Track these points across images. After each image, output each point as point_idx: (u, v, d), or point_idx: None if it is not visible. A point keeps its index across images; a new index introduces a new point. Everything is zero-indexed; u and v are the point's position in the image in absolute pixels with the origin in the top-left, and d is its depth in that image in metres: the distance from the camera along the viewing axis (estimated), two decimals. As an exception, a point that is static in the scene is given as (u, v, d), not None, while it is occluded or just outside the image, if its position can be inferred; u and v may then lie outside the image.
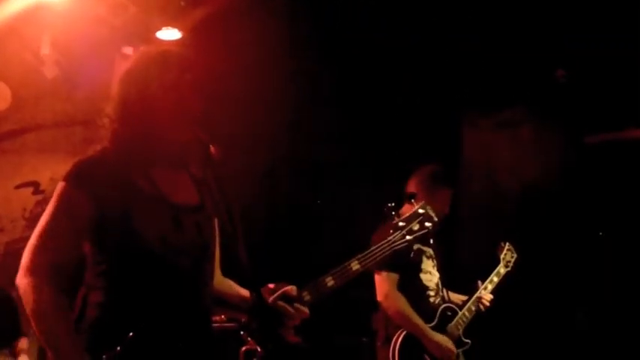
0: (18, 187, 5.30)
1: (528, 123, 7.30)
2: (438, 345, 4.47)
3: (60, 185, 2.41)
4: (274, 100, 6.80)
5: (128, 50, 5.74)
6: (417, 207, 2.80)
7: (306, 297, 2.59)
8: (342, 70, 7.07)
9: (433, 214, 2.80)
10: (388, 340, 4.50)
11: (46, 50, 5.38)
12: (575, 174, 6.89)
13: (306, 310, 2.57)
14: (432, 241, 4.02)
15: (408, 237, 2.73)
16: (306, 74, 7.06)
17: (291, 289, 2.59)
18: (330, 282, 2.60)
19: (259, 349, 2.81)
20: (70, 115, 5.73)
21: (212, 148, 2.42)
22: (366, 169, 7.17)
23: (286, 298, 2.56)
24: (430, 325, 4.51)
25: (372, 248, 2.69)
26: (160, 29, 5.85)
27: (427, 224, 2.76)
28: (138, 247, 2.37)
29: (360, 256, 2.67)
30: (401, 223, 2.75)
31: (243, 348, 4.80)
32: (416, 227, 2.75)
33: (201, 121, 2.47)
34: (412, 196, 2.79)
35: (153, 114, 2.45)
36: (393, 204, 2.85)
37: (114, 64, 5.60)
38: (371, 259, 2.67)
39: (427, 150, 6.43)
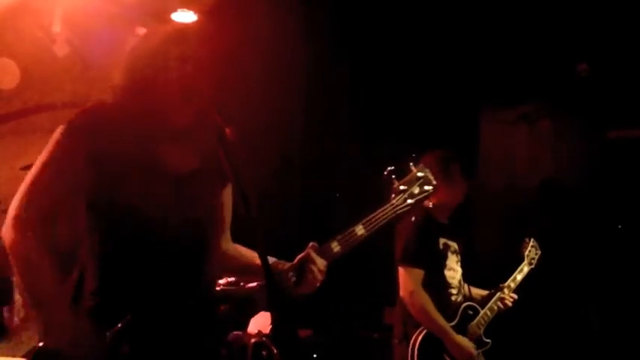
0: (24, 168, 5.18)
1: (548, 117, 7.23)
2: (459, 346, 4.36)
3: (59, 130, 2.31)
4: (289, 87, 6.73)
5: (142, 31, 5.63)
6: (415, 170, 2.81)
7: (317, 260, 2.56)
8: (358, 58, 7.01)
9: (432, 178, 2.82)
10: (406, 337, 4.38)
11: (57, 28, 5.27)
12: (596, 169, 6.80)
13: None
14: (430, 205, 3.94)
15: (409, 200, 2.75)
16: (321, 62, 7.00)
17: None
18: (336, 247, 2.60)
19: (275, 352, 2.73)
20: (80, 95, 5.64)
21: (227, 131, 2.31)
22: (380, 161, 7.06)
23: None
24: (451, 324, 4.39)
25: (375, 212, 2.68)
26: (175, 11, 5.75)
27: (427, 187, 2.79)
28: (135, 217, 2.29)
29: (364, 220, 2.65)
30: (402, 187, 2.75)
31: (252, 340, 4.72)
32: (416, 190, 2.77)
33: (216, 104, 2.38)
34: (412, 160, 2.74)
35: (159, 88, 2.38)
36: (392, 167, 2.81)
37: (126, 44, 5.49)
38: (375, 223, 2.66)
39: (444, 143, 6.34)
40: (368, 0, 6.63)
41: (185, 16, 5.79)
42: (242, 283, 3.77)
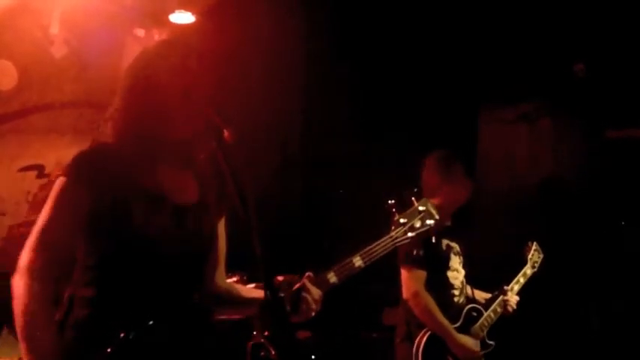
0: (22, 169, 5.18)
1: (547, 116, 7.23)
2: (463, 347, 4.37)
3: (59, 180, 2.35)
4: (289, 87, 6.72)
5: (140, 32, 5.62)
6: (417, 204, 2.80)
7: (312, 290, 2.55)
8: (358, 58, 7.00)
9: (434, 212, 2.82)
10: (409, 337, 4.39)
11: (55, 29, 5.25)
12: (595, 168, 6.81)
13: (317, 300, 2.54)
14: (432, 240, 4.01)
15: (409, 234, 2.75)
16: (321, 62, 7.00)
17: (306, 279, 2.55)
18: (332, 278, 2.59)
19: (273, 352, 2.73)
20: (78, 96, 5.61)
21: (225, 132, 2.31)
22: (380, 161, 7.07)
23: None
24: (455, 326, 4.40)
25: (373, 244, 2.69)
26: (173, 12, 5.73)
27: (428, 222, 2.78)
28: (135, 244, 2.31)
29: (362, 252, 2.66)
30: (402, 220, 2.75)
31: (250, 342, 4.71)
32: (417, 224, 2.77)
33: (214, 106, 2.38)
34: (413, 193, 2.77)
35: (158, 104, 2.39)
36: (393, 201, 2.81)
37: (125, 45, 5.48)
38: (373, 255, 2.68)
39: (444, 143, 6.33)
40: (368, 0, 6.63)
41: (183, 17, 5.77)
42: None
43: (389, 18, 6.61)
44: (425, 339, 4.32)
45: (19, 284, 2.25)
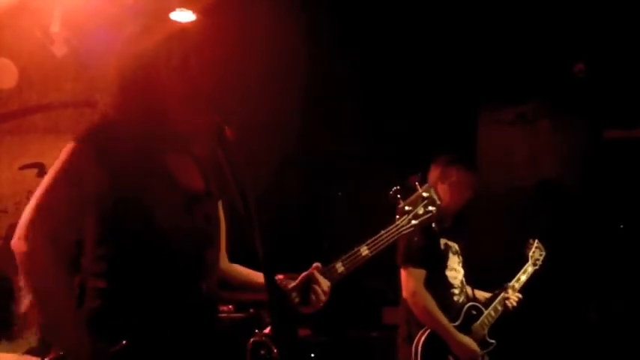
0: (22, 168, 5.20)
1: (546, 117, 7.23)
2: (463, 346, 4.37)
3: (71, 145, 2.31)
4: (288, 87, 6.72)
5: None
6: (420, 190, 2.82)
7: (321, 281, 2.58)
8: (358, 59, 7.00)
9: (436, 198, 2.82)
10: (410, 337, 4.38)
11: (55, 28, 5.25)
12: (594, 169, 6.81)
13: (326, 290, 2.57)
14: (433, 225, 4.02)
15: (414, 221, 2.76)
16: (321, 62, 6.99)
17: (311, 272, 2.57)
18: (340, 268, 2.62)
19: (275, 350, 2.73)
20: (78, 95, 5.61)
21: (227, 130, 2.30)
22: (380, 161, 7.07)
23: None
24: (455, 325, 4.40)
25: (380, 233, 2.70)
26: (173, 10, 5.72)
27: (431, 208, 2.79)
28: (147, 231, 2.29)
29: (369, 241, 2.68)
30: (407, 208, 2.76)
31: (251, 339, 4.70)
32: (421, 211, 2.77)
33: (215, 104, 2.37)
34: (417, 178, 2.78)
35: (157, 103, 2.38)
36: (398, 187, 2.82)
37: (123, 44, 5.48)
38: (379, 244, 2.69)
39: (443, 144, 6.34)
40: (368, 0, 6.63)
41: (184, 16, 5.77)
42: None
43: (389, 18, 6.61)
44: (424, 338, 4.32)
45: (18, 245, 2.23)
